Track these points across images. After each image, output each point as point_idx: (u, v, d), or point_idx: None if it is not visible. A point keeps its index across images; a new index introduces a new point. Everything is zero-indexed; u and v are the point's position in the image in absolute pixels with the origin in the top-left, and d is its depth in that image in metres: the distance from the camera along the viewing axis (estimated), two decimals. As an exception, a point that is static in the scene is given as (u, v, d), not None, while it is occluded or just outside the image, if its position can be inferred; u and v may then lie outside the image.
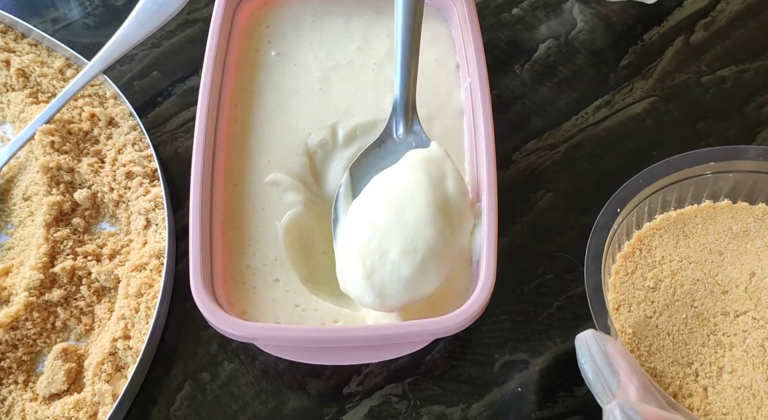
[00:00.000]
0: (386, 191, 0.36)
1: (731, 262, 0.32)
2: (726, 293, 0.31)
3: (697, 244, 0.32)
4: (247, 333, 0.34)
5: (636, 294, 0.32)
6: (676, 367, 0.29)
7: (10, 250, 0.44)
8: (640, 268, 0.32)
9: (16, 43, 0.52)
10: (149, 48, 0.53)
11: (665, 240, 0.33)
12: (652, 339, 0.30)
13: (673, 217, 0.34)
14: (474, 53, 0.42)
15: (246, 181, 0.41)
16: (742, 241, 0.32)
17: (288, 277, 0.38)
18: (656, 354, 0.30)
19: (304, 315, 0.37)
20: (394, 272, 0.34)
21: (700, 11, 0.55)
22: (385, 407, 0.39)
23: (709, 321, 0.30)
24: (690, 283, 0.31)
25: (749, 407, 0.28)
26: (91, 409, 0.37)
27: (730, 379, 0.29)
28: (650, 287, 0.31)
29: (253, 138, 0.42)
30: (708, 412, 0.28)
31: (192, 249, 0.36)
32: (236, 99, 0.43)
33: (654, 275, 0.32)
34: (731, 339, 0.30)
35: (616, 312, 0.31)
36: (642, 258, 0.33)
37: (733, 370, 0.29)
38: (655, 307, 0.31)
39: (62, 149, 0.45)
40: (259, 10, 0.47)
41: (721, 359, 0.29)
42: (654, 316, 0.31)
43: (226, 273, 0.38)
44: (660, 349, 0.30)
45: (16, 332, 0.40)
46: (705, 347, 0.30)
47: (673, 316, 0.30)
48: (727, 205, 0.34)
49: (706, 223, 0.33)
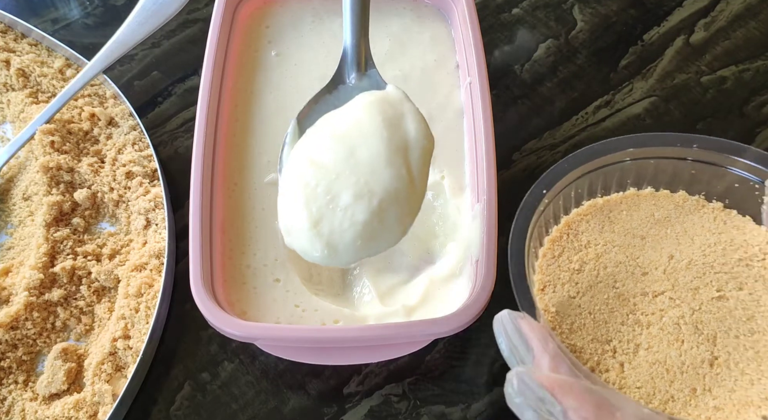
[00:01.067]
0: (335, 130, 0.32)
1: (652, 245, 0.33)
2: (646, 275, 0.32)
3: (621, 229, 0.34)
4: (247, 333, 0.34)
5: (561, 275, 0.33)
6: (596, 344, 0.30)
7: (10, 249, 0.44)
8: (567, 251, 0.34)
9: (16, 43, 0.52)
10: (149, 48, 0.53)
11: (591, 225, 0.34)
12: (574, 318, 0.31)
13: (599, 204, 0.35)
14: (474, 53, 0.42)
15: (246, 181, 0.41)
16: (663, 227, 0.34)
17: (288, 277, 0.38)
18: (577, 332, 0.31)
19: (304, 315, 0.37)
20: (346, 219, 0.29)
21: (700, 11, 0.55)
22: (385, 407, 0.39)
23: (629, 301, 0.31)
24: (613, 265, 0.33)
25: (662, 381, 0.29)
26: (91, 409, 0.37)
27: (645, 355, 0.30)
28: (575, 269, 0.33)
29: (253, 138, 0.42)
30: (623, 386, 0.29)
31: (192, 249, 0.36)
32: (236, 99, 0.43)
33: (579, 258, 0.33)
34: (649, 318, 0.31)
35: (541, 292, 0.33)
36: (569, 242, 0.34)
37: (649, 346, 0.30)
38: (578, 288, 0.32)
39: (62, 149, 0.45)
40: (259, 11, 0.47)
41: (639, 337, 0.30)
42: (577, 296, 0.32)
43: (226, 273, 0.38)
44: (581, 327, 0.31)
45: (16, 332, 0.40)
46: (624, 326, 0.31)
47: (595, 296, 0.32)
48: (650, 192, 0.35)
49: (630, 210, 0.35)
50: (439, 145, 0.43)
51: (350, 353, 0.37)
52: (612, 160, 0.35)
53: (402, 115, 0.32)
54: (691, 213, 0.34)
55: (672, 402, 0.28)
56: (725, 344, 0.30)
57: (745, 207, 0.34)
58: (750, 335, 0.30)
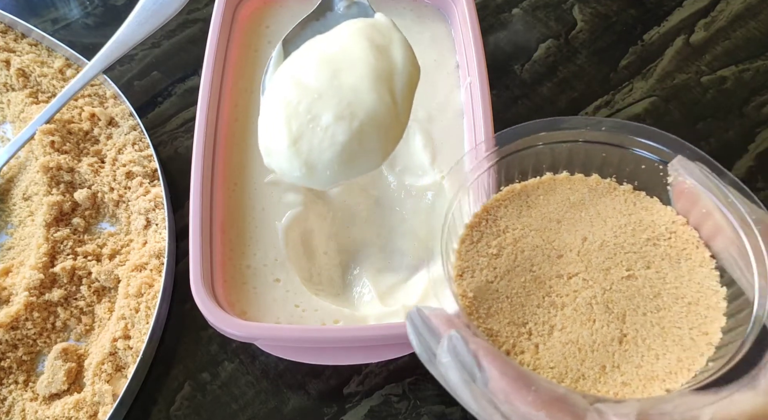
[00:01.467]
0: (320, 53, 0.31)
1: (567, 228, 0.34)
2: (561, 257, 0.33)
3: (538, 214, 0.34)
4: (247, 333, 0.34)
5: (480, 261, 0.33)
6: (512, 327, 0.31)
7: (10, 249, 0.44)
8: (486, 236, 0.34)
9: (16, 43, 0.52)
10: (149, 48, 0.53)
11: (510, 210, 0.35)
12: (492, 302, 0.32)
13: (517, 189, 0.35)
14: (474, 53, 0.42)
15: (246, 181, 0.41)
16: (577, 210, 0.35)
17: (288, 278, 0.38)
18: (494, 315, 0.31)
19: (304, 315, 0.37)
20: (326, 138, 0.29)
21: (700, 11, 0.55)
22: (385, 407, 0.39)
23: (545, 283, 0.32)
24: (530, 249, 0.33)
25: (574, 360, 0.30)
26: (91, 409, 0.37)
27: (559, 336, 0.30)
28: (493, 254, 0.33)
29: (253, 138, 0.42)
30: (537, 367, 0.30)
31: (192, 249, 0.36)
32: (236, 99, 0.43)
33: (498, 243, 0.33)
34: (563, 299, 0.31)
35: (459, 278, 0.32)
36: (488, 227, 0.34)
37: (563, 327, 0.31)
38: (496, 272, 0.32)
39: (62, 149, 0.45)
40: (259, 11, 0.47)
41: (554, 318, 0.31)
42: (495, 280, 0.32)
43: (226, 273, 0.38)
44: (498, 311, 0.31)
45: (17, 332, 0.40)
46: (540, 308, 0.32)
47: (512, 280, 0.32)
48: (565, 176, 0.36)
49: (547, 194, 0.35)
50: (439, 145, 0.43)
51: (350, 353, 0.37)
52: (526, 145, 0.35)
53: (390, 42, 0.32)
54: (603, 195, 0.35)
55: (583, 380, 0.29)
56: (634, 322, 0.30)
57: (653, 188, 0.35)
58: (656, 312, 0.31)
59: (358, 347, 0.36)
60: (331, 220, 0.42)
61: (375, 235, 0.42)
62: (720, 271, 0.30)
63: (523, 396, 0.25)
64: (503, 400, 0.25)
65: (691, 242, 0.32)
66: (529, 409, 0.25)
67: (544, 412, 0.25)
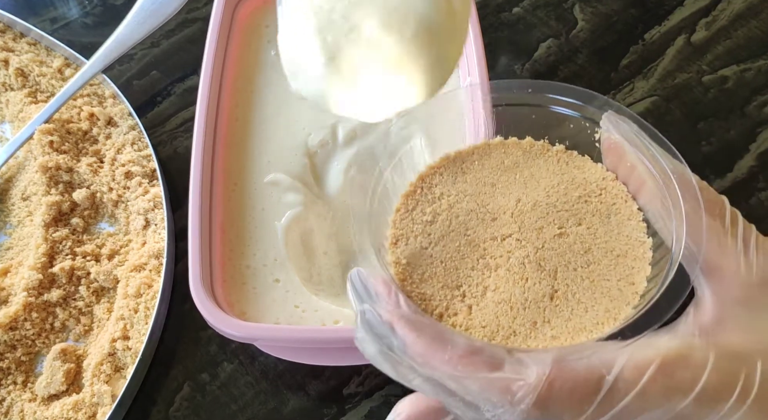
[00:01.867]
0: None
1: (501, 192, 0.34)
2: (495, 220, 0.33)
3: (473, 179, 0.34)
4: (246, 333, 0.34)
5: (414, 228, 0.33)
6: (445, 291, 0.31)
7: (8, 250, 0.44)
8: (421, 204, 0.34)
9: (14, 42, 0.52)
10: (148, 47, 0.53)
11: (445, 177, 0.35)
12: (425, 268, 0.32)
13: (452, 156, 0.35)
14: (474, 53, 0.42)
15: (246, 181, 0.40)
16: (512, 173, 0.35)
17: (288, 278, 0.38)
18: (428, 280, 0.31)
19: (304, 316, 0.37)
20: (372, 52, 0.24)
21: (701, 10, 0.54)
22: (385, 408, 0.39)
23: (480, 246, 0.32)
24: (465, 213, 0.33)
25: (506, 318, 0.30)
26: (90, 409, 0.37)
27: (492, 296, 0.31)
28: (428, 221, 0.33)
29: (253, 138, 0.42)
30: (469, 327, 0.30)
31: (191, 249, 0.36)
32: (236, 99, 0.43)
33: (432, 210, 0.33)
34: (497, 260, 0.32)
35: (393, 246, 0.32)
36: (423, 195, 0.34)
37: (497, 287, 0.31)
38: (431, 238, 0.32)
39: (61, 149, 0.45)
40: (258, 10, 0.47)
41: (487, 279, 0.31)
42: (429, 246, 0.32)
43: (225, 273, 0.37)
44: (432, 275, 0.31)
45: (15, 333, 0.40)
46: (474, 271, 0.32)
47: (447, 245, 0.32)
48: (499, 141, 0.36)
49: (482, 159, 0.35)
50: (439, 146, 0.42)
51: (350, 354, 0.36)
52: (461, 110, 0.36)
53: None
54: (537, 157, 0.35)
55: (514, 336, 0.30)
56: (565, 277, 0.31)
57: (584, 146, 0.35)
58: (587, 266, 0.31)
59: (357, 348, 0.36)
60: (331, 219, 0.42)
61: None
62: (646, 222, 0.31)
63: (440, 355, 0.25)
64: (422, 363, 0.25)
65: (620, 197, 0.32)
66: (446, 367, 0.25)
67: (460, 367, 0.25)
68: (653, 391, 0.24)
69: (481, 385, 0.25)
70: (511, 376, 0.25)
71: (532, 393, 0.24)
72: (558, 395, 0.24)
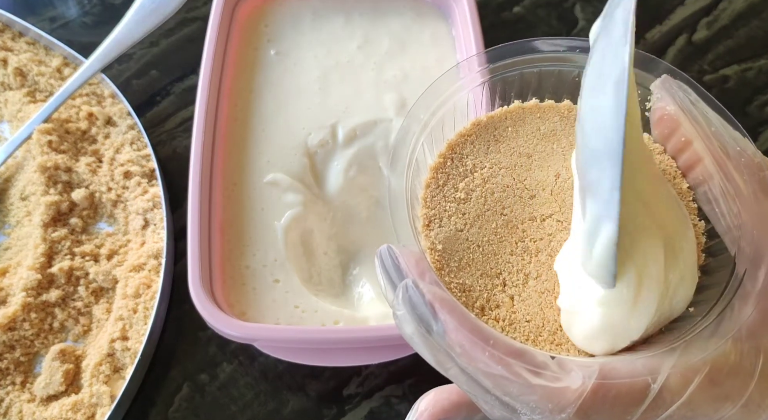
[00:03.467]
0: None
1: (539, 164, 0.31)
2: (533, 198, 0.30)
3: (507, 148, 0.31)
4: (246, 334, 0.34)
5: (447, 207, 0.30)
6: (485, 279, 0.28)
7: (7, 250, 0.44)
8: (452, 178, 0.31)
9: (13, 41, 0.51)
10: (147, 47, 0.53)
11: (476, 146, 0.32)
12: (462, 253, 0.29)
13: (483, 122, 0.32)
14: (475, 51, 0.42)
15: (245, 182, 0.40)
16: (549, 142, 0.32)
17: (288, 278, 0.38)
18: (466, 268, 0.28)
19: (304, 316, 0.37)
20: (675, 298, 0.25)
21: (702, 9, 0.54)
22: (385, 409, 0.39)
23: (518, 227, 0.30)
24: (500, 190, 0.30)
25: (551, 310, 0.27)
26: (88, 410, 0.37)
27: (535, 285, 0.28)
28: (461, 199, 0.30)
29: (252, 138, 0.42)
30: (513, 321, 0.27)
31: (191, 250, 0.36)
32: (235, 99, 0.43)
33: (465, 185, 0.30)
34: (537, 244, 0.29)
35: (426, 228, 0.29)
36: (453, 168, 0.31)
37: (539, 275, 0.28)
38: (466, 219, 0.30)
39: (60, 149, 0.45)
40: (257, 9, 0.47)
41: (528, 266, 0.29)
42: (465, 228, 0.29)
43: (225, 274, 0.37)
44: (470, 262, 0.29)
45: (14, 333, 0.39)
46: (513, 255, 0.29)
47: (483, 226, 0.29)
48: (534, 104, 0.33)
49: (515, 125, 0.32)
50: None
51: (351, 354, 0.36)
52: (492, 73, 0.32)
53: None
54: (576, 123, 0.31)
55: (560, 331, 0.27)
56: None
57: None
58: None
59: (358, 348, 0.36)
60: (331, 220, 0.41)
61: (375, 235, 0.41)
62: (697, 203, 0.28)
63: (480, 350, 0.24)
64: (460, 353, 0.24)
65: (668, 173, 0.29)
66: (486, 364, 0.23)
67: (501, 366, 0.23)
68: (700, 400, 0.23)
69: (521, 389, 0.23)
70: (553, 385, 0.23)
71: (575, 402, 0.23)
72: (601, 404, 0.23)
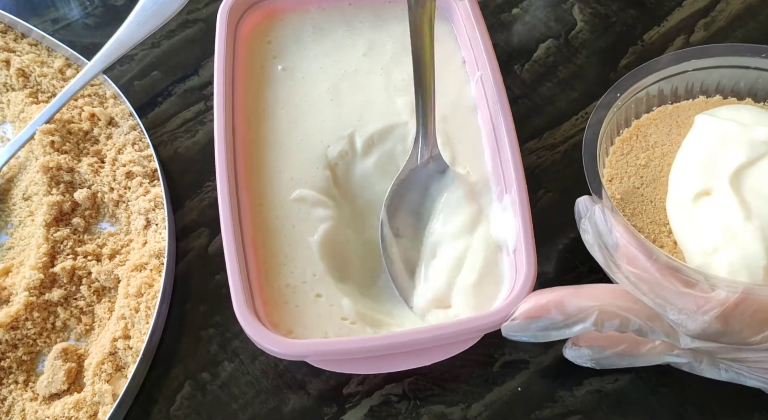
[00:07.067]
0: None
1: None
2: None
3: (686, 133, 0.37)
4: (299, 351, 0.34)
5: (628, 169, 0.36)
6: (654, 226, 0.34)
7: (10, 249, 0.44)
8: (635, 150, 0.37)
9: (16, 42, 0.52)
10: (149, 48, 0.53)
11: (660, 128, 0.38)
12: (636, 204, 0.35)
13: (669, 110, 0.39)
14: (482, 45, 0.42)
15: (271, 201, 0.40)
16: None
17: (329, 292, 0.38)
18: (638, 215, 0.35)
19: (353, 327, 0.37)
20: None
21: (700, 11, 0.55)
22: (385, 407, 0.39)
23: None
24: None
25: None
26: (91, 408, 0.37)
27: None
28: (641, 165, 0.37)
29: (272, 156, 0.41)
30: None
31: (230, 275, 0.35)
32: (249, 119, 0.42)
33: (646, 156, 0.37)
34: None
35: (609, 183, 0.36)
36: (638, 142, 0.38)
37: None
38: (643, 180, 0.36)
39: (62, 149, 0.45)
40: (258, 26, 0.46)
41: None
42: (641, 187, 0.36)
43: (265, 294, 0.37)
44: (642, 211, 0.35)
45: (16, 332, 0.40)
46: None
47: (657, 188, 0.36)
48: (718, 100, 0.38)
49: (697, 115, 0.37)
50: (456, 142, 0.42)
51: (403, 359, 0.36)
52: (680, 70, 0.38)
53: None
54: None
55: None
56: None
57: None
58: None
59: (410, 352, 0.36)
60: (362, 228, 0.42)
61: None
62: None
63: (643, 262, 0.30)
64: (627, 262, 0.30)
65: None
66: (645, 268, 0.30)
67: (659, 275, 0.29)
68: None
69: (673, 294, 0.29)
70: (702, 295, 0.29)
71: (719, 306, 0.28)
72: (741, 315, 0.28)
